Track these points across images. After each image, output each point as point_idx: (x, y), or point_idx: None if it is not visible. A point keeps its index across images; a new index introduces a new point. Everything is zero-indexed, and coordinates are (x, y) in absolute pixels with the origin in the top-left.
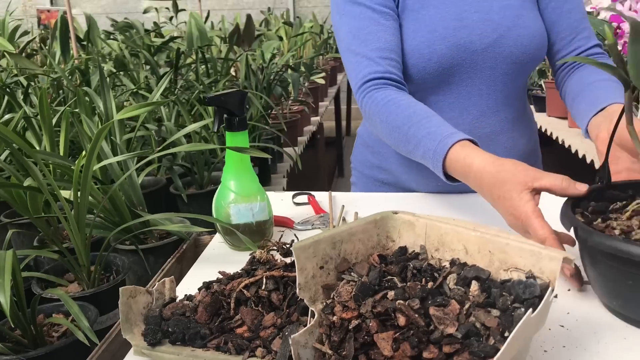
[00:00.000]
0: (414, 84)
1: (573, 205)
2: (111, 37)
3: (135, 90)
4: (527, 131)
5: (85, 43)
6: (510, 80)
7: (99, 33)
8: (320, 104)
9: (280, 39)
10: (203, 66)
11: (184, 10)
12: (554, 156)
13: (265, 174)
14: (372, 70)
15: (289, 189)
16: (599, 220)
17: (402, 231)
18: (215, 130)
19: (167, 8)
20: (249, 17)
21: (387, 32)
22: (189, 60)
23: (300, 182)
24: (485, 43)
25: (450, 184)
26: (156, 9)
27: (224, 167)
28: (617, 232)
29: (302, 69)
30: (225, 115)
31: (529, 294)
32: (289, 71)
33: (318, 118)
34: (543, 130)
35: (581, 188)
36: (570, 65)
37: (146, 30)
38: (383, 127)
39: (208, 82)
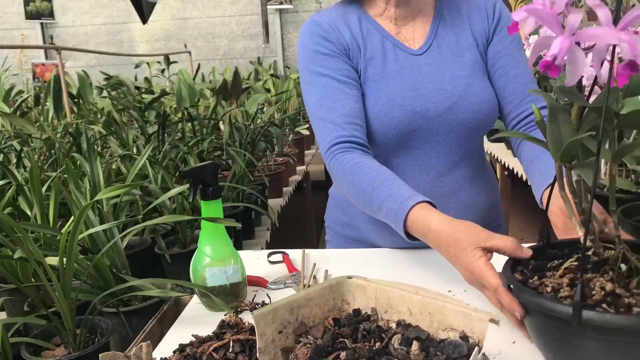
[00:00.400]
0: (377, 147)
1: (515, 263)
2: (103, 92)
3: (122, 154)
4: (486, 188)
5: (77, 100)
6: (464, 142)
7: (90, 91)
8: (306, 152)
9: (268, 90)
10: (190, 124)
11: (176, 62)
12: (528, 198)
13: (249, 228)
14: (338, 135)
15: (273, 240)
16: (536, 277)
17: (356, 294)
18: (191, 201)
19: (158, 62)
20: (236, 72)
21: (351, 100)
22: (179, 116)
23: (286, 232)
24: (439, 110)
25: (413, 242)
26: (148, 63)
27: (200, 232)
28: (549, 289)
29: (287, 121)
30: (200, 186)
31: (458, 353)
32: (273, 127)
33: (304, 167)
34: (515, 172)
35: (527, 252)
36: (523, 129)
37: (137, 88)
38: (349, 189)
39: (192, 143)
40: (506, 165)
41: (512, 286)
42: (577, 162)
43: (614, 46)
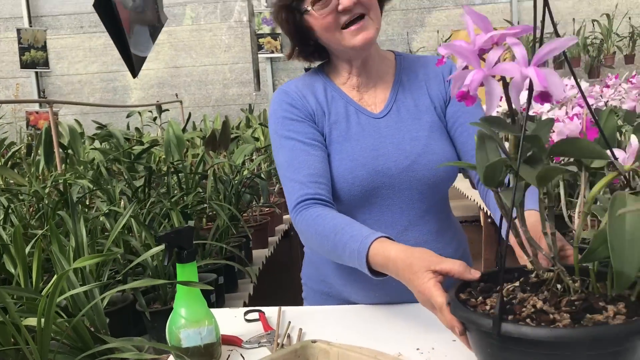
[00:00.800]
0: (343, 204)
1: (465, 285)
2: (94, 142)
3: (108, 210)
4: (453, 241)
5: (68, 152)
6: (427, 198)
7: (81, 143)
8: None
9: (257, 139)
10: (176, 177)
11: (167, 110)
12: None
13: (232, 281)
14: (303, 193)
15: (256, 293)
16: (480, 298)
17: (320, 358)
18: (166, 264)
19: (150, 111)
20: (225, 122)
21: (316, 160)
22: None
23: (271, 283)
24: (400, 168)
25: (385, 294)
26: (139, 112)
27: (176, 294)
28: (487, 307)
29: (274, 171)
30: (175, 249)
31: None
32: (259, 179)
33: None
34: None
35: (474, 274)
36: None
37: (127, 139)
38: (314, 239)
39: (176, 198)
40: (489, 214)
41: (450, 303)
42: (503, 187)
43: (530, 80)
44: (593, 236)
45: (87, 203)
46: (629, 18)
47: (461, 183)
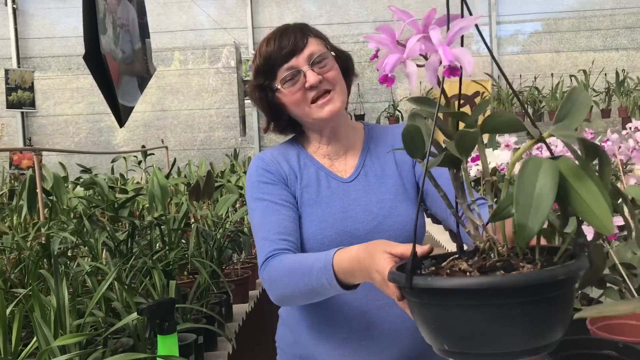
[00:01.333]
0: None
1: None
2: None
3: (90, 270)
4: None
5: (52, 198)
6: None
7: (64, 190)
8: None
9: (241, 188)
10: (159, 230)
11: (153, 154)
12: None
13: (211, 338)
14: (271, 249)
15: (237, 351)
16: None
17: None
18: (147, 336)
19: (135, 156)
20: (209, 172)
21: (287, 220)
22: (149, 219)
23: (251, 338)
24: (367, 229)
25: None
26: (124, 158)
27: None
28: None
29: None
30: (157, 321)
31: None
32: (241, 234)
33: None
34: None
35: (425, 248)
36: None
37: (111, 187)
38: (283, 279)
39: (157, 257)
40: None
41: (389, 273)
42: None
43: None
44: (505, 196)
45: (70, 254)
46: (605, 74)
47: (441, 236)
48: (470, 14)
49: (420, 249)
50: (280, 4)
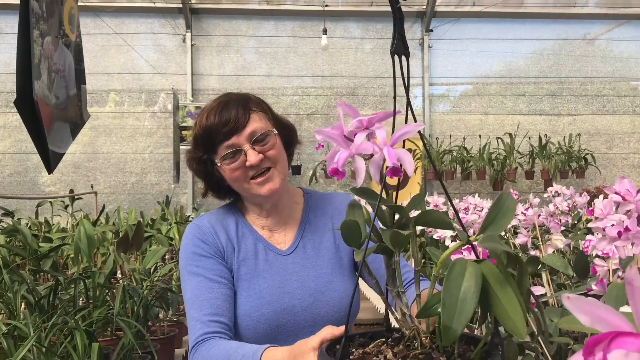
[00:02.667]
0: (248, 341)
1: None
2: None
3: (7, 330)
4: None
5: None
6: None
7: None
8: None
9: (171, 239)
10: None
11: (81, 198)
12: None
13: None
14: (203, 332)
15: None
16: (358, 349)
17: None
18: None
19: (62, 201)
20: (139, 223)
21: (220, 299)
22: (74, 271)
23: None
24: (303, 306)
25: None
26: (51, 202)
27: None
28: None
29: None
30: None
31: None
32: (170, 292)
33: None
34: None
35: (340, 330)
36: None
37: (34, 235)
38: None
39: (83, 313)
40: None
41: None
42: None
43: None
44: (431, 295)
45: None
46: (529, 137)
47: (380, 303)
48: (415, 118)
49: (331, 334)
50: (221, 52)
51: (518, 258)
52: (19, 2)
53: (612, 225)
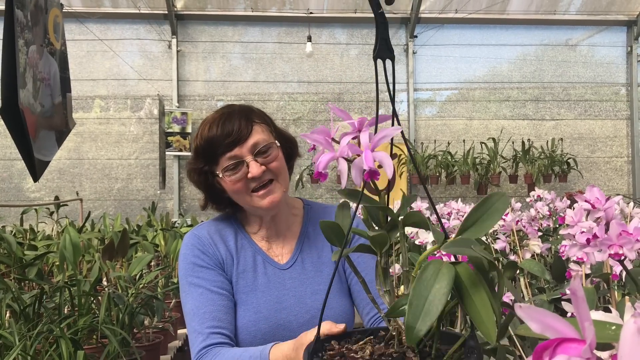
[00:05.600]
0: None
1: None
2: None
3: None
4: None
5: None
6: None
7: None
8: None
9: (157, 246)
10: (69, 293)
11: (66, 205)
12: None
13: None
14: (205, 345)
15: None
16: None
17: None
18: None
19: (47, 208)
20: (124, 230)
21: (222, 311)
22: (59, 279)
23: None
24: (300, 322)
25: None
26: (36, 209)
27: None
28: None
29: (171, 285)
30: None
31: None
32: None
33: (185, 330)
34: None
35: (340, 327)
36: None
37: (19, 243)
38: None
39: (65, 324)
40: None
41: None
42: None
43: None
44: (400, 294)
45: None
46: (512, 142)
47: None
48: (399, 122)
49: (337, 328)
50: (207, 58)
51: (492, 263)
52: (1, 9)
53: (582, 232)
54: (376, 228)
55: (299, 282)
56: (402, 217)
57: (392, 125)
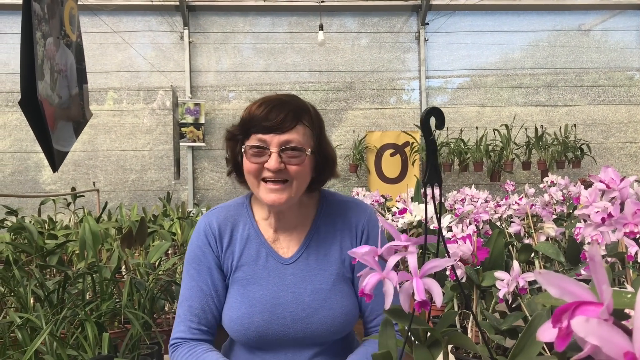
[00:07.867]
0: (240, 342)
1: None
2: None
3: (21, 322)
4: None
5: None
6: (320, 344)
7: None
8: None
9: (174, 234)
10: (91, 279)
11: (83, 196)
12: None
13: None
14: (183, 336)
15: None
16: None
17: None
18: None
19: (64, 199)
20: (142, 219)
21: (206, 311)
22: (80, 266)
23: None
24: (295, 319)
25: None
26: (54, 200)
27: None
28: None
29: None
30: None
31: None
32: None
33: None
34: None
35: None
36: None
37: (40, 232)
38: None
39: (89, 308)
40: None
41: None
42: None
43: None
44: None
45: None
46: (525, 129)
47: None
48: (446, 248)
49: None
50: (219, 49)
51: None
52: (18, 3)
53: (597, 212)
54: (416, 343)
55: (300, 279)
56: (446, 336)
57: (437, 242)
